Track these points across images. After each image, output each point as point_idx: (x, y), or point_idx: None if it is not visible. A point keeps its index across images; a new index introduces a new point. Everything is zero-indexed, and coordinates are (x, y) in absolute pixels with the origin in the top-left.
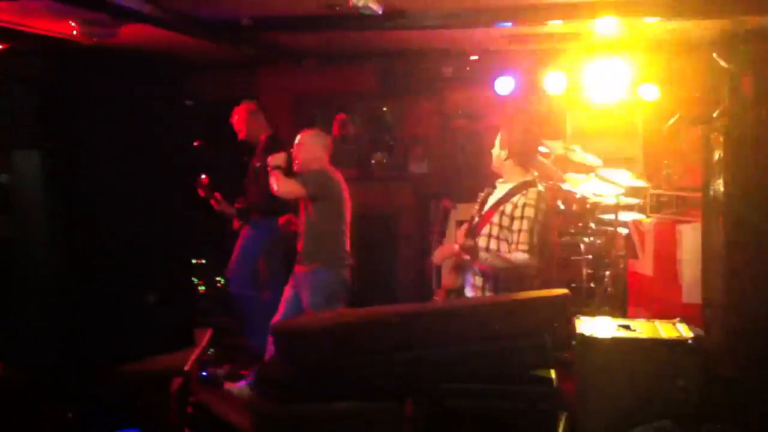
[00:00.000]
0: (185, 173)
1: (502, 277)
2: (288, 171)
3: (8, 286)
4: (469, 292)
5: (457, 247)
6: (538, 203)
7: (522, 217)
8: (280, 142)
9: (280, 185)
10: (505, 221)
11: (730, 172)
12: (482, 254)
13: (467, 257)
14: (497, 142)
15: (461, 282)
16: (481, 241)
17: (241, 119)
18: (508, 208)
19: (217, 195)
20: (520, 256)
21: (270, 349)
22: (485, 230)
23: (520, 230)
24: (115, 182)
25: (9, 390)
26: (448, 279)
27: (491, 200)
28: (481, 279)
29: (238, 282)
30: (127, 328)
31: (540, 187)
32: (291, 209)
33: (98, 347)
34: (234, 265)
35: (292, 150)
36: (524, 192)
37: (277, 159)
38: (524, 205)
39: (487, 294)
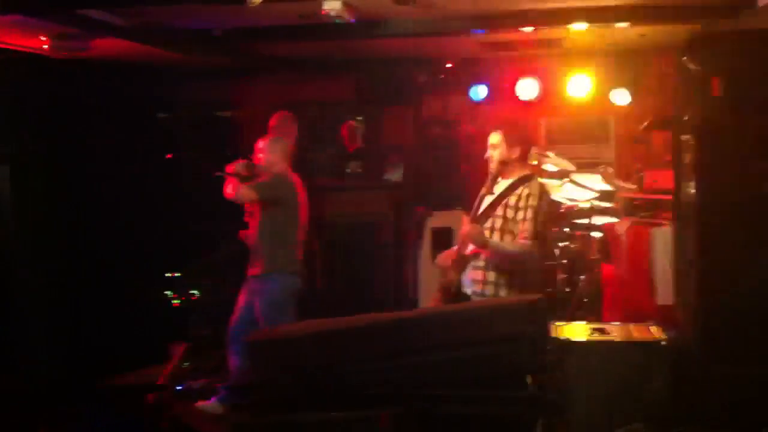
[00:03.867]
0: (156, 186)
1: (509, 268)
2: (250, 178)
3: None
4: (468, 288)
5: (463, 230)
6: (541, 193)
7: (526, 207)
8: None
9: (233, 191)
10: (510, 213)
11: (701, 174)
12: (492, 240)
13: (472, 246)
14: (501, 142)
15: (459, 278)
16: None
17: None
18: (512, 199)
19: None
20: (524, 243)
21: (234, 359)
22: (488, 224)
23: (524, 219)
24: (81, 197)
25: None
26: (447, 276)
27: (488, 198)
28: (494, 274)
29: None
30: (100, 343)
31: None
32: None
33: (74, 363)
34: None
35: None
36: (527, 183)
37: (238, 167)
38: (528, 195)
39: (491, 288)
